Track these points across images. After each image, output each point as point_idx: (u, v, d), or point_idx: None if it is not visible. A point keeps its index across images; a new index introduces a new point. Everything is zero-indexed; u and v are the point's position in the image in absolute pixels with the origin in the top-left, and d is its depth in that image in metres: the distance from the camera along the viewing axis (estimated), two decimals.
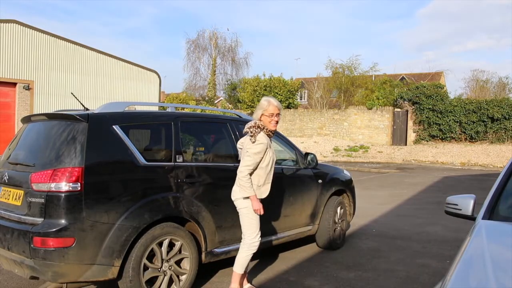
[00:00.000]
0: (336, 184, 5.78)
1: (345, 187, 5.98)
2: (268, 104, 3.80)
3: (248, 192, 3.66)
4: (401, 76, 36.15)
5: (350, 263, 5.09)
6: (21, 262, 3.30)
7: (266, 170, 3.76)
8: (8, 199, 3.62)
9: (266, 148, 3.70)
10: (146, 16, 79.18)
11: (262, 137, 3.69)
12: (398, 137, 26.04)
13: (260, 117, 3.80)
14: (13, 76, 20.76)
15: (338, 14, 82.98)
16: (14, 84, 20.86)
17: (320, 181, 5.45)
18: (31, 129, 3.99)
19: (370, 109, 26.66)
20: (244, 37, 78.94)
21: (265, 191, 3.82)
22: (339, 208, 5.75)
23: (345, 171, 6.28)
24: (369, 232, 6.74)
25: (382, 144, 25.78)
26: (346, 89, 30.67)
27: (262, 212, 3.69)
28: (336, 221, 5.67)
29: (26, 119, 4.16)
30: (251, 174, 3.70)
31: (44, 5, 72.63)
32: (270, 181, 3.85)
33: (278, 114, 3.83)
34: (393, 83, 29.51)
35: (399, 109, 26.15)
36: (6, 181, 3.67)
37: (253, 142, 3.66)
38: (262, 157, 3.70)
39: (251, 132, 3.71)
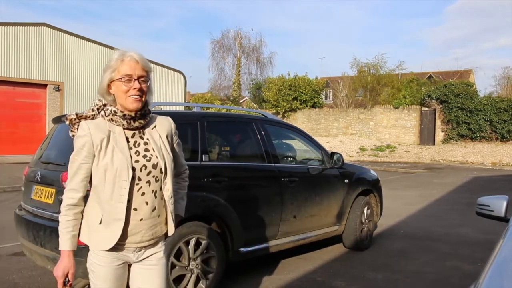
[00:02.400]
0: (362, 184, 5.71)
1: (371, 187, 5.90)
2: (119, 58, 1.93)
3: (60, 240, 1.93)
4: (429, 75, 35.49)
5: (377, 264, 5.03)
6: (53, 259, 3.38)
7: (106, 192, 1.90)
8: (40, 197, 3.71)
9: (99, 145, 1.91)
10: (171, 17, 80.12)
11: (87, 127, 1.93)
12: (426, 137, 25.57)
13: (109, 86, 1.95)
14: (43, 78, 21.33)
15: (364, 12, 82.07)
16: (44, 86, 21.43)
17: (346, 181, 5.40)
18: (62, 129, 4.08)
19: (397, 108, 26.26)
20: (269, 37, 79.04)
21: (112, 235, 1.91)
22: (365, 208, 5.69)
23: (371, 171, 6.20)
24: (397, 233, 6.64)
25: (409, 144, 25.36)
26: (372, 88, 30.30)
27: (59, 286, 1.97)
28: (363, 221, 5.61)
29: (57, 120, 4.26)
30: (82, 201, 1.97)
31: (70, 8, 74.29)
32: (122, 215, 1.89)
33: (143, 78, 1.94)
34: (420, 81, 29.03)
35: (426, 108, 25.68)
36: (39, 179, 3.77)
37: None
38: (87, 165, 1.93)
39: (68, 121, 2.05)
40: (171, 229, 2.08)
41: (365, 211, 5.66)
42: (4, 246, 5.56)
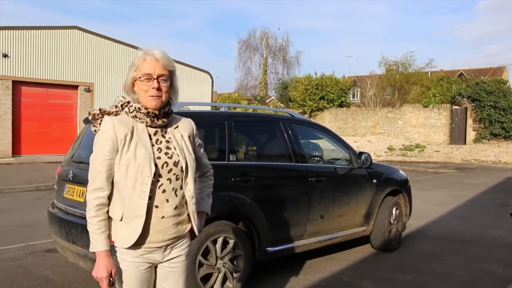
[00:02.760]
0: (391, 184, 5.63)
1: (400, 187, 5.81)
2: (142, 57, 1.96)
3: (94, 242, 1.91)
4: (459, 72, 34.64)
5: (406, 265, 4.94)
6: (84, 255, 3.46)
7: (127, 187, 1.90)
8: (72, 196, 3.81)
9: (122, 140, 1.90)
10: (198, 18, 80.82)
11: (111, 122, 1.94)
12: (457, 136, 24.98)
13: (133, 85, 1.98)
14: (75, 79, 21.87)
15: (392, 10, 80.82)
16: (76, 87, 21.97)
17: (374, 181, 5.33)
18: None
19: (426, 107, 25.76)
20: (295, 36, 78.56)
21: (133, 232, 1.89)
22: (394, 208, 5.60)
23: (400, 171, 6.10)
24: (427, 234, 6.51)
25: (439, 143, 24.83)
26: (401, 87, 29.80)
27: (105, 287, 1.91)
28: (392, 222, 5.53)
29: (88, 120, 4.35)
30: (108, 200, 1.95)
31: (100, 10, 75.88)
32: (143, 212, 1.88)
33: (163, 77, 1.94)
34: (450, 79, 28.36)
35: (457, 107, 25.09)
36: (71, 178, 3.87)
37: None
38: (111, 161, 1.91)
39: (91, 116, 2.09)
40: (196, 230, 2.09)
41: (393, 212, 5.58)
42: (38, 242, 5.73)
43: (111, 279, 1.92)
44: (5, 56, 19.97)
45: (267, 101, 39.90)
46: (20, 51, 20.49)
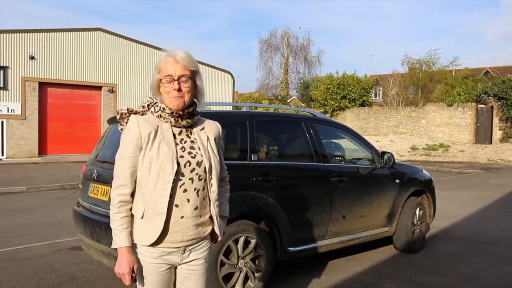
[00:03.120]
0: (414, 184, 5.55)
1: (424, 188, 5.72)
2: (164, 59, 2.00)
3: (116, 238, 1.96)
4: (485, 70, 33.91)
5: (430, 267, 4.87)
6: (109, 253, 3.52)
7: (149, 184, 1.92)
8: (97, 195, 3.88)
9: (146, 138, 1.93)
10: (219, 19, 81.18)
11: (136, 120, 1.96)
12: (482, 135, 24.45)
13: (158, 86, 2.00)
14: (98, 80, 22.24)
15: (415, 7, 79.62)
16: (99, 88, 22.34)
17: (397, 181, 5.26)
18: (116, 129, 4.23)
19: (450, 105, 25.29)
20: (317, 35, 78.22)
21: (154, 230, 1.91)
22: (418, 209, 5.52)
23: (424, 171, 6.01)
24: (451, 236, 6.39)
25: (463, 143, 24.35)
26: (424, 85, 29.34)
27: (128, 282, 1.93)
28: (415, 222, 5.45)
29: (112, 120, 4.43)
30: (131, 197, 1.98)
31: (122, 11, 76.95)
32: (164, 209, 1.90)
33: (184, 77, 1.95)
34: (476, 77, 27.77)
35: (483, 105, 24.55)
36: (95, 178, 3.94)
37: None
38: (135, 158, 1.94)
39: (119, 115, 2.10)
40: (218, 234, 2.08)
41: (417, 212, 5.50)
42: (63, 240, 5.85)
43: (133, 275, 1.94)
44: (32, 58, 20.45)
45: (288, 100, 39.80)
46: (46, 53, 20.95)
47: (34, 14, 71.49)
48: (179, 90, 1.93)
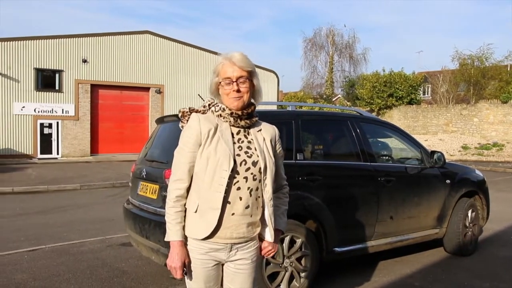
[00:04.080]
0: (466, 185, 5.34)
1: (477, 188, 5.49)
2: (221, 62, 2.06)
3: (170, 231, 2.01)
4: None
5: (483, 271, 4.67)
6: (157, 250, 3.61)
7: (206, 179, 1.97)
8: (146, 193, 3.99)
9: (206, 134, 1.99)
10: (263, 18, 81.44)
11: (197, 118, 2.03)
12: None
13: (217, 89, 2.07)
14: (146, 81, 22.86)
15: (465, 1, 76.55)
16: (147, 89, 22.97)
17: (448, 181, 5.08)
18: (164, 129, 4.34)
19: (505, 102, 24.14)
20: (362, 33, 76.87)
21: (207, 225, 1.96)
22: (470, 211, 5.31)
23: (476, 171, 5.78)
24: (506, 239, 6.11)
25: None
26: (476, 82, 28.19)
27: (179, 276, 1.99)
28: (467, 225, 5.24)
29: (160, 120, 4.54)
30: (187, 192, 2.04)
31: (168, 14, 78.69)
32: (219, 205, 1.94)
33: (242, 79, 2.00)
34: None
35: None
36: (144, 176, 4.05)
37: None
38: (193, 154, 2.00)
39: (181, 113, 2.17)
40: (270, 235, 2.09)
41: (469, 214, 5.29)
42: (114, 236, 6.06)
43: (185, 269, 1.98)
44: (84, 61, 21.32)
45: (333, 99, 39.34)
46: (97, 56, 21.77)
47: (84, 19, 74.50)
48: (238, 91, 1.99)
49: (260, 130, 2.11)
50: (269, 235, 2.10)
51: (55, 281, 4.30)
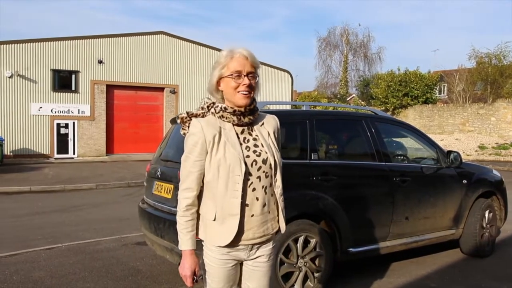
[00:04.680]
0: (483, 185, 5.26)
1: (494, 189, 5.41)
2: (229, 55, 1.96)
3: (181, 240, 2.00)
4: None
5: (500, 273, 4.60)
6: (171, 249, 3.64)
7: (220, 187, 1.93)
8: (160, 192, 4.02)
9: (211, 142, 1.94)
10: (278, 18, 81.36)
11: (199, 124, 1.97)
12: None
13: (218, 83, 2.00)
14: (161, 82, 23.01)
15: None
16: (162, 89, 23.11)
17: (464, 181, 5.02)
18: (179, 129, 4.35)
19: None
20: (377, 31, 76.37)
21: (228, 231, 1.94)
22: (487, 211, 5.23)
23: (494, 171, 5.68)
24: None
25: None
26: (494, 81, 27.77)
27: (189, 284, 1.99)
28: (484, 226, 5.17)
29: (174, 120, 4.56)
30: (197, 200, 2.02)
31: (184, 15, 79.08)
32: (237, 210, 1.92)
33: (252, 74, 1.95)
34: None
35: None
36: (159, 176, 4.08)
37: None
38: (201, 162, 1.96)
39: (180, 119, 2.09)
40: (282, 227, 2.09)
41: (486, 215, 5.21)
42: (129, 235, 6.12)
43: (195, 277, 2.00)
44: (100, 62, 21.54)
45: (348, 99, 39.11)
46: (112, 56, 21.98)
47: (101, 20, 75.28)
48: (250, 86, 1.93)
49: (263, 124, 2.08)
50: (282, 228, 2.10)
51: (72, 279, 4.35)
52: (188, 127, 2.01)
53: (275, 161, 2.01)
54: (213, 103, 2.02)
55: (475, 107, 25.76)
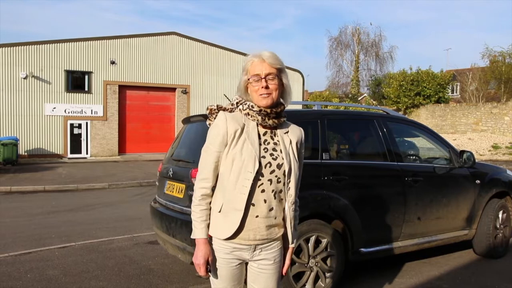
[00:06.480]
0: (497, 185, 5.21)
1: (508, 189, 5.34)
2: (250, 60, 2.04)
3: (195, 229, 2.03)
4: None
5: None
6: (183, 249, 3.66)
7: (230, 180, 1.97)
8: (172, 192, 4.04)
9: (232, 135, 1.98)
10: (289, 18, 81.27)
11: (224, 117, 2.02)
12: None
13: (246, 88, 2.06)
14: (172, 82, 23.12)
15: None
16: (173, 89, 23.22)
17: (478, 181, 4.97)
18: (190, 129, 4.39)
19: None
20: (388, 31, 75.87)
21: (230, 225, 1.97)
22: (501, 212, 5.18)
23: (508, 171, 5.61)
24: None
25: None
26: (507, 79, 27.45)
27: (202, 273, 2.00)
28: (497, 226, 5.11)
29: (186, 120, 4.59)
30: (212, 191, 2.04)
31: (196, 16, 79.33)
32: (242, 206, 1.95)
33: (271, 75, 1.99)
34: None
35: None
36: (171, 175, 4.11)
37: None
38: (219, 153, 2.00)
39: (208, 110, 2.14)
40: (290, 240, 2.09)
41: (500, 215, 5.16)
42: (141, 234, 6.17)
43: (208, 266, 2.01)
44: (112, 63, 21.72)
45: (359, 98, 38.92)
46: (125, 57, 22.15)
47: (114, 21, 75.87)
48: (267, 87, 1.97)
49: (287, 132, 2.09)
50: (290, 240, 2.10)
51: (85, 277, 4.41)
52: (215, 119, 2.05)
53: (290, 169, 2.01)
54: (244, 101, 2.07)
55: (488, 106, 25.47)
